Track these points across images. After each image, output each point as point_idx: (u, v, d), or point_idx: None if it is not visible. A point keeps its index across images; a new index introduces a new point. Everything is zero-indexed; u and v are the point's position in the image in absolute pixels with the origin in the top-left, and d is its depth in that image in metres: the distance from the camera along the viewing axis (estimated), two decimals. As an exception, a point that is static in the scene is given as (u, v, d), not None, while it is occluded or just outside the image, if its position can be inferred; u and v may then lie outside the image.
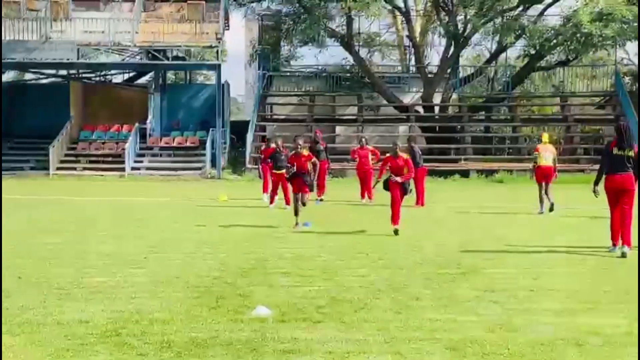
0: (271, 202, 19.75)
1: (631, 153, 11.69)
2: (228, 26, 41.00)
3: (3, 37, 34.59)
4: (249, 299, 8.07)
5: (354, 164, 23.87)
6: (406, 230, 14.52)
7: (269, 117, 40.99)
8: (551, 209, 18.34)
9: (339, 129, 40.60)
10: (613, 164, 11.74)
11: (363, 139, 23.05)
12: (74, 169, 36.00)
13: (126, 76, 46.83)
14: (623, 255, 11.40)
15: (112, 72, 46.41)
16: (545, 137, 19.82)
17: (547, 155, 18.95)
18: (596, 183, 12.01)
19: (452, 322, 7.12)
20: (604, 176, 11.91)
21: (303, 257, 11.17)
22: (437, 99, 41.19)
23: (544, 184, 18.71)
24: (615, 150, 11.77)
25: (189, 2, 37.33)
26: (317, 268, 10.22)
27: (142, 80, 46.64)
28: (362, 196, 21.49)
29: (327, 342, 6.41)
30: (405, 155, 14.71)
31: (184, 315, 7.34)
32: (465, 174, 33.90)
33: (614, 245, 11.80)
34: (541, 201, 18.63)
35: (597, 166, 13.54)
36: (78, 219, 16.92)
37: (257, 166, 26.67)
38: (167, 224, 15.83)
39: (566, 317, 7.36)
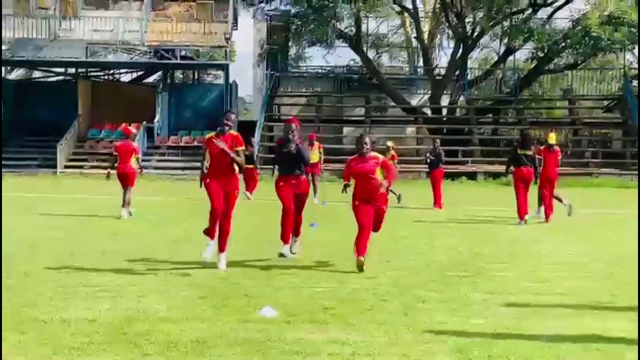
0: None
1: (529, 152, 16.57)
2: (237, 26, 41.12)
3: (13, 35, 34.73)
4: (255, 299, 8.06)
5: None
6: (413, 232, 14.53)
7: (277, 117, 41.01)
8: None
9: (346, 129, 40.61)
10: (519, 160, 16.56)
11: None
12: (82, 167, 36.10)
13: (134, 75, 46.95)
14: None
15: (120, 71, 46.58)
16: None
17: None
18: (506, 172, 18.11)
19: (459, 325, 7.10)
20: (512, 169, 16.89)
21: (310, 258, 11.15)
22: (445, 101, 41.20)
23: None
24: (519, 151, 16.63)
25: (197, 1, 37.48)
26: (324, 269, 10.21)
27: (150, 79, 46.78)
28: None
29: (333, 343, 6.39)
30: (378, 155, 10.36)
31: (190, 315, 7.33)
32: (472, 176, 33.84)
33: (521, 219, 16.29)
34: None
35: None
36: (86, 217, 16.95)
37: (271, 166, 26.72)
38: (175, 223, 15.84)
39: (573, 320, 7.33)
